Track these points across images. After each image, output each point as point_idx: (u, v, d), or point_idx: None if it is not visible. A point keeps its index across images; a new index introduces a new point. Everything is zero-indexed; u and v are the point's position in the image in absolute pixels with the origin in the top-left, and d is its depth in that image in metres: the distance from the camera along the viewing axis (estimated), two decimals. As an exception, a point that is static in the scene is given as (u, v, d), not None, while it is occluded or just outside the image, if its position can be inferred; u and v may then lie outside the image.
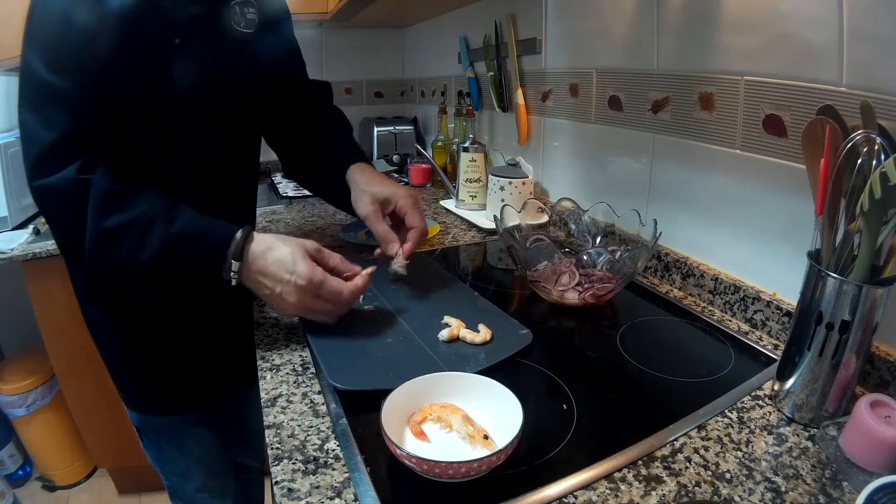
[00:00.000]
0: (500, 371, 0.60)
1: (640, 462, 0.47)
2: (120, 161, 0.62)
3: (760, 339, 0.68)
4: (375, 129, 1.90)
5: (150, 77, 0.63)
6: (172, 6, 0.63)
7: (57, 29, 0.57)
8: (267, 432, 0.51)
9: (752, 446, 0.49)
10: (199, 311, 0.78)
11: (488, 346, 0.64)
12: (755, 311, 0.70)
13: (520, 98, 1.22)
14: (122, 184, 0.60)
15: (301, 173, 0.93)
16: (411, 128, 1.95)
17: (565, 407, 0.54)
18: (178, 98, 0.66)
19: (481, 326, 0.66)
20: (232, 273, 0.61)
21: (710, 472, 0.45)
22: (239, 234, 0.61)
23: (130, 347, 0.77)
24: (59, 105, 0.58)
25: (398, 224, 0.79)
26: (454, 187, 1.31)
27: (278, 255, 0.61)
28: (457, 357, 0.61)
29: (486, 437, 0.47)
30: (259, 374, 0.61)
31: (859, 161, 0.45)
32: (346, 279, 0.66)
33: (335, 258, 0.66)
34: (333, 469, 0.46)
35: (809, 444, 0.49)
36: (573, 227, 0.94)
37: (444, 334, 0.65)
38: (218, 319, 0.81)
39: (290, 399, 0.56)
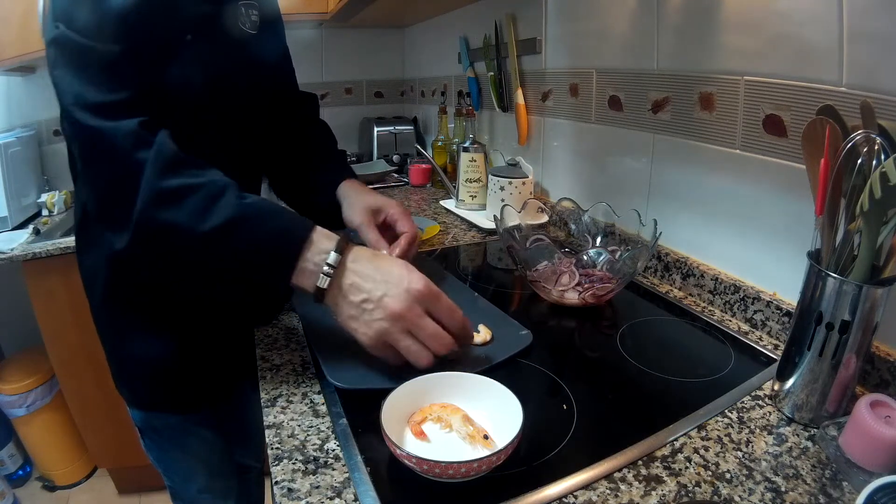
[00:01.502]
0: (500, 371, 0.60)
1: (640, 462, 0.47)
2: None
3: (760, 339, 0.68)
4: (375, 129, 1.90)
5: (157, 73, 0.63)
6: (183, 2, 0.63)
7: (62, 22, 0.56)
8: (267, 432, 0.51)
9: (752, 446, 0.49)
10: (212, 309, 0.77)
11: (488, 346, 0.64)
12: (755, 311, 0.70)
13: (520, 98, 1.22)
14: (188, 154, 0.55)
15: (285, 187, 0.89)
16: (411, 128, 1.95)
17: (565, 407, 0.54)
18: (183, 97, 0.65)
19: (481, 327, 0.66)
20: (326, 267, 0.53)
21: (710, 472, 0.46)
22: (335, 244, 0.54)
23: (140, 347, 0.77)
24: (105, 67, 0.54)
25: (391, 233, 0.78)
26: (454, 187, 1.31)
27: (387, 262, 0.56)
28: (456, 357, 0.61)
29: (486, 437, 0.47)
30: (259, 374, 0.61)
31: (859, 161, 0.45)
32: None
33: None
34: (333, 469, 0.46)
35: (809, 444, 0.49)
36: (573, 227, 0.94)
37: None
38: (228, 317, 0.81)
39: (290, 399, 0.56)
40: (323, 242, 0.54)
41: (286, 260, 0.54)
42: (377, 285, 0.53)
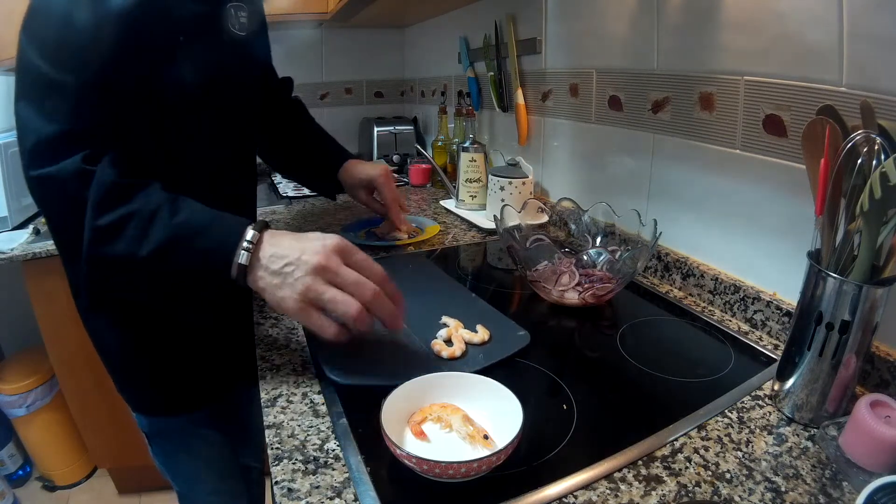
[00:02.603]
0: (500, 371, 0.60)
1: (640, 462, 0.47)
2: (122, 159, 0.60)
3: (760, 339, 0.68)
4: (375, 129, 1.90)
5: (153, 75, 0.63)
6: (176, 4, 0.63)
7: (58, 24, 0.56)
8: (267, 432, 0.51)
9: (752, 446, 0.49)
10: (202, 309, 0.77)
11: (486, 346, 0.64)
12: (755, 311, 0.70)
13: (520, 98, 1.22)
14: (127, 178, 0.56)
15: (288, 168, 1.08)
16: (411, 128, 1.95)
17: (565, 407, 0.54)
18: (180, 97, 0.65)
19: (479, 327, 0.66)
20: (245, 243, 0.54)
21: (710, 472, 0.46)
22: (252, 226, 0.57)
23: (136, 351, 0.76)
24: (59, 98, 0.56)
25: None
26: (454, 187, 1.31)
27: (303, 234, 0.57)
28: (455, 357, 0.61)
29: (486, 437, 0.47)
30: (259, 374, 0.61)
31: (859, 161, 0.45)
32: None
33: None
34: (333, 469, 0.46)
35: (809, 444, 0.49)
36: (573, 227, 0.94)
37: (442, 333, 0.65)
38: (221, 315, 0.81)
39: (290, 399, 0.56)
40: (248, 234, 0.56)
41: (219, 270, 0.55)
42: (295, 249, 0.54)
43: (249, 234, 0.55)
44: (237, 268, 0.55)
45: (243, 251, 0.54)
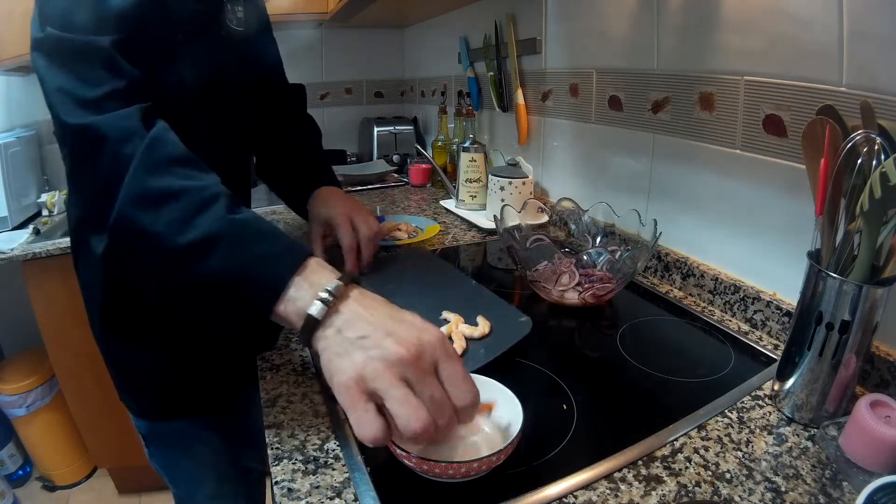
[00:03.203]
0: (499, 371, 0.59)
1: (640, 462, 0.47)
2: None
3: (760, 339, 0.68)
4: (375, 129, 1.90)
5: (155, 74, 0.62)
6: (175, 3, 0.63)
7: (63, 20, 0.56)
8: (267, 432, 0.51)
9: (752, 446, 0.49)
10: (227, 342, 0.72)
11: (487, 339, 0.64)
12: (755, 311, 0.70)
13: (520, 98, 1.22)
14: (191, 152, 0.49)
15: (270, 179, 0.98)
16: (411, 128, 1.95)
17: (565, 407, 0.54)
18: (179, 99, 0.65)
19: (480, 319, 0.66)
20: (324, 293, 0.42)
21: (710, 472, 0.46)
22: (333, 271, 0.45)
23: (142, 355, 0.76)
24: (95, 61, 0.51)
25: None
26: (454, 187, 1.31)
27: (399, 309, 0.45)
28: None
29: (489, 410, 0.48)
30: (259, 374, 0.61)
31: (859, 161, 0.45)
32: None
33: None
34: (333, 469, 0.46)
35: (809, 444, 0.49)
36: (573, 227, 0.94)
37: (442, 331, 0.64)
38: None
39: (290, 399, 0.56)
40: (321, 273, 0.45)
41: (268, 289, 0.44)
42: (382, 327, 0.41)
43: (333, 284, 0.43)
44: (305, 320, 0.42)
45: (319, 301, 0.42)
